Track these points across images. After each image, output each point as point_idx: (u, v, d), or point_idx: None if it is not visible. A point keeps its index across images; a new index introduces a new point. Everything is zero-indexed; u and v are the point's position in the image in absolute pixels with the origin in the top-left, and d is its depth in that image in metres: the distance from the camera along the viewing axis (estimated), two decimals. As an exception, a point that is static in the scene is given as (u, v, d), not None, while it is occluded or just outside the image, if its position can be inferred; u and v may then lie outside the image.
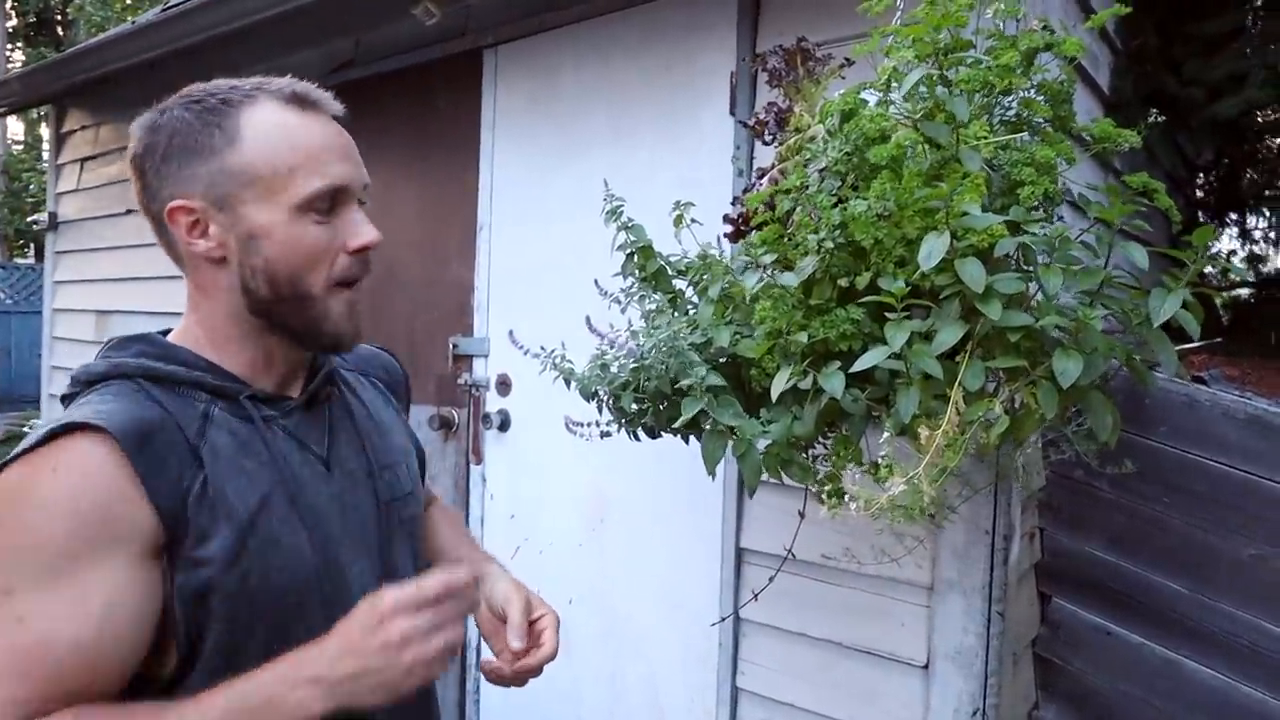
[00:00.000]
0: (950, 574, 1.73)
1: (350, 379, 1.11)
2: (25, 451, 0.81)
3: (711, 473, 1.27)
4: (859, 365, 1.12)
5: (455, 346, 2.68)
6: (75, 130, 4.91)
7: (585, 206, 2.35)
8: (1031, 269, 1.18)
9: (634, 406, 1.38)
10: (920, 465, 1.09)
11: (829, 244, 1.18)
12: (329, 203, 0.93)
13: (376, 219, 1.01)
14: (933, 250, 1.09)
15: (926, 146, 1.18)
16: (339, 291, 0.94)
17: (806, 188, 1.26)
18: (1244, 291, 2.91)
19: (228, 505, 0.87)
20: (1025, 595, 1.91)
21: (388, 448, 1.08)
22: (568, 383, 1.44)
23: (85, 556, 0.79)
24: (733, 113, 2.03)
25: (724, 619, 2.02)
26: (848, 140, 1.22)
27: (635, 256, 1.46)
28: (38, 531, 0.78)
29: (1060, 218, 1.28)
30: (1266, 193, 2.85)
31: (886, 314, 1.14)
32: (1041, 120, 1.22)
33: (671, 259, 1.51)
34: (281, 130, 0.92)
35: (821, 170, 1.27)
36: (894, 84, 1.22)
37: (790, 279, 1.21)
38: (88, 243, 4.77)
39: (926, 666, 1.77)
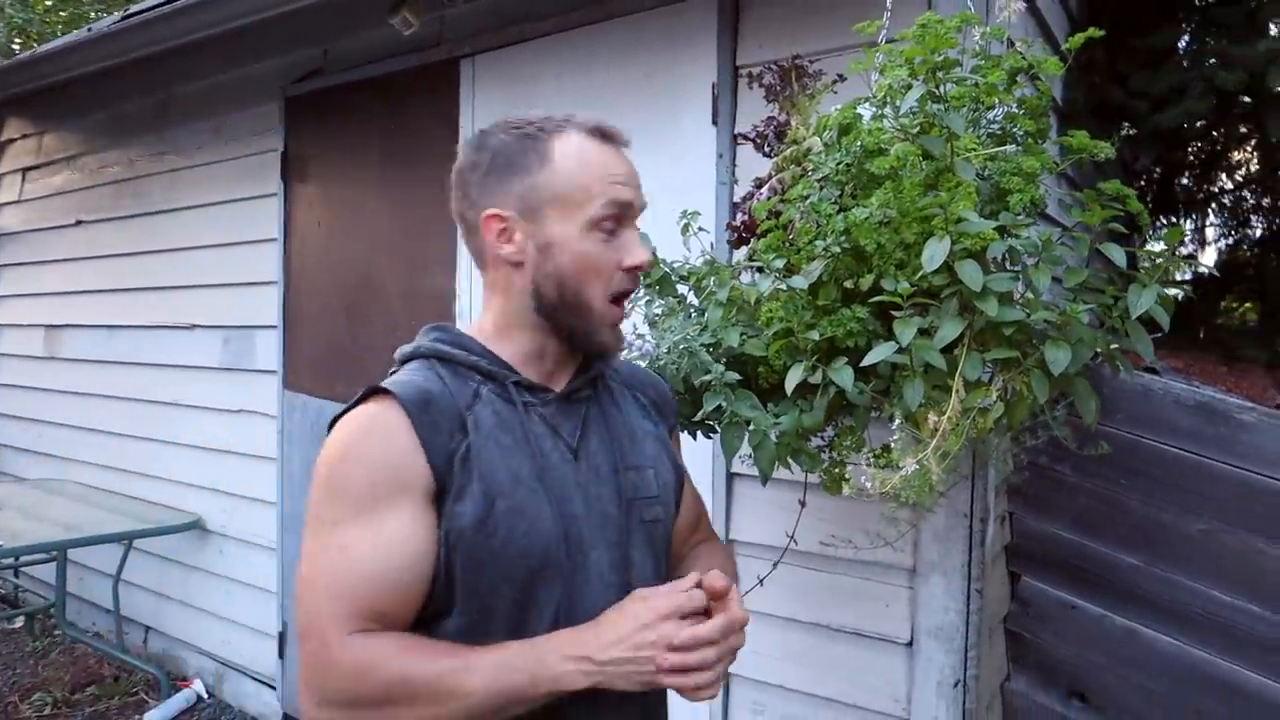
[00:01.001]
0: (932, 556, 1.84)
1: (614, 389, 1.20)
2: (348, 410, 1.03)
3: (730, 461, 1.36)
4: (870, 359, 1.21)
5: (435, 352, 2.72)
6: (16, 139, 4.79)
7: (566, 213, 2.42)
8: (1019, 269, 1.29)
9: None
10: (928, 449, 1.19)
11: (835, 249, 1.28)
12: (614, 222, 1.05)
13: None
14: (935, 254, 1.19)
15: (921, 158, 1.28)
16: (613, 305, 1.07)
17: (808, 197, 1.35)
18: (1175, 291, 3.11)
19: (483, 469, 1.00)
20: (998, 575, 2.03)
21: (636, 452, 1.16)
22: None
23: (383, 499, 0.97)
24: (715, 122, 2.13)
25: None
26: (847, 153, 1.32)
27: None
28: (349, 478, 0.98)
29: (1036, 222, 1.40)
30: (1199, 196, 3.06)
31: (892, 312, 1.24)
32: (1023, 133, 1.33)
33: (674, 265, 1.59)
34: (584, 156, 1.05)
35: (821, 180, 1.37)
36: (890, 100, 1.32)
37: (800, 281, 1.30)
38: (33, 255, 4.65)
39: (910, 644, 1.88)
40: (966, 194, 1.22)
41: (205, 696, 3.65)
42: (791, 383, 1.29)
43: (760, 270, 1.41)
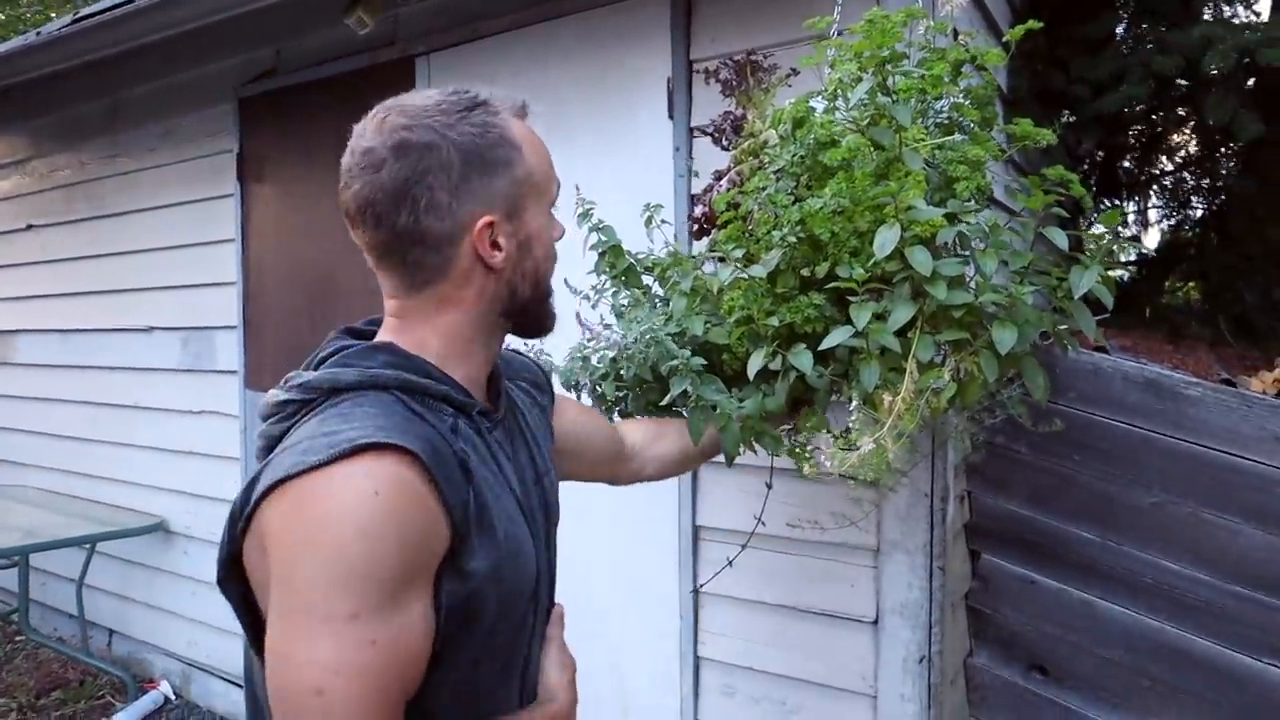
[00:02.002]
0: (895, 535, 1.89)
1: (508, 386, 1.10)
2: (322, 465, 0.79)
3: (696, 443, 1.39)
4: (827, 343, 1.25)
5: (400, 350, 2.72)
6: (-42, 144, 4.68)
7: (527, 208, 2.44)
8: (968, 253, 1.34)
9: (614, 394, 1.48)
10: (884, 428, 1.23)
11: (791, 238, 1.31)
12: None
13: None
14: (886, 241, 1.23)
15: (872, 149, 1.32)
16: None
17: (765, 189, 1.39)
18: (1118, 272, 3.21)
19: (490, 518, 0.89)
20: (959, 553, 2.09)
21: (543, 455, 1.10)
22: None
23: (412, 579, 0.81)
24: (671, 116, 2.15)
25: (698, 588, 2.14)
26: (801, 145, 1.36)
27: (606, 255, 1.56)
28: (374, 559, 0.77)
29: (987, 206, 1.44)
30: (1142, 179, 3.15)
31: (848, 298, 1.27)
32: (970, 122, 1.37)
33: (639, 256, 1.61)
34: (532, 139, 0.97)
35: (777, 172, 1.40)
36: (840, 93, 1.36)
37: (759, 270, 1.34)
38: (-19, 261, 4.56)
39: (876, 622, 1.93)
40: (916, 183, 1.26)
41: (173, 698, 3.63)
42: (753, 369, 1.33)
43: (721, 260, 1.44)
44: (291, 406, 0.91)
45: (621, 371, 1.44)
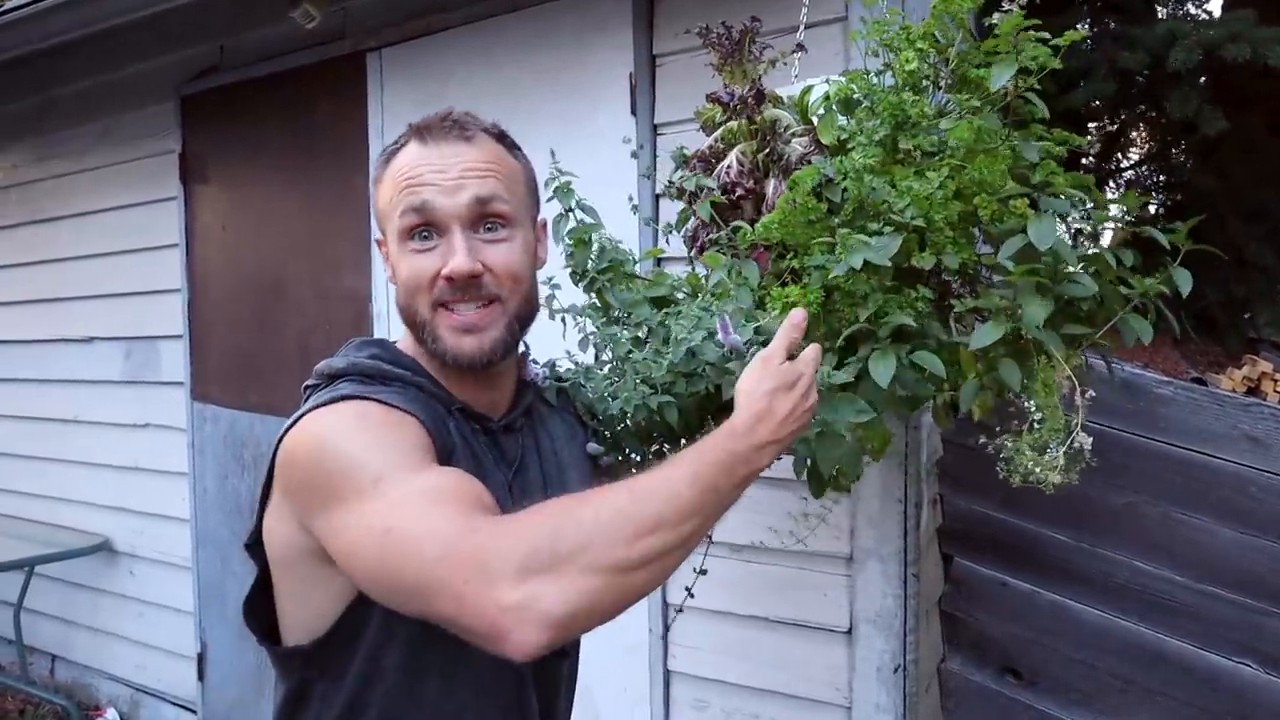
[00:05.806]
0: (868, 543, 1.84)
1: (545, 411, 1.16)
2: (299, 418, 0.93)
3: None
4: (978, 341, 1.17)
5: (353, 357, 2.63)
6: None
7: (484, 209, 2.36)
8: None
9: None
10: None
11: (918, 221, 1.16)
12: (426, 229, 0.99)
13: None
14: (1044, 232, 1.15)
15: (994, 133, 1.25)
16: (442, 313, 1.00)
17: (853, 172, 1.20)
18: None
19: (474, 470, 0.97)
20: (932, 557, 2.05)
21: (562, 483, 1.12)
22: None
23: (414, 448, 0.90)
24: (634, 113, 2.08)
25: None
26: (883, 124, 1.24)
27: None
28: (351, 445, 0.89)
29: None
30: (1102, 174, 3.17)
31: (996, 292, 1.19)
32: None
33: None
34: (397, 168, 1.00)
35: (857, 149, 1.23)
36: (902, 74, 1.28)
37: (878, 255, 1.14)
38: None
39: (850, 631, 1.88)
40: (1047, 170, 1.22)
41: (120, 726, 3.49)
42: (885, 377, 1.13)
43: (763, 248, 1.28)
44: (309, 391, 1.03)
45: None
